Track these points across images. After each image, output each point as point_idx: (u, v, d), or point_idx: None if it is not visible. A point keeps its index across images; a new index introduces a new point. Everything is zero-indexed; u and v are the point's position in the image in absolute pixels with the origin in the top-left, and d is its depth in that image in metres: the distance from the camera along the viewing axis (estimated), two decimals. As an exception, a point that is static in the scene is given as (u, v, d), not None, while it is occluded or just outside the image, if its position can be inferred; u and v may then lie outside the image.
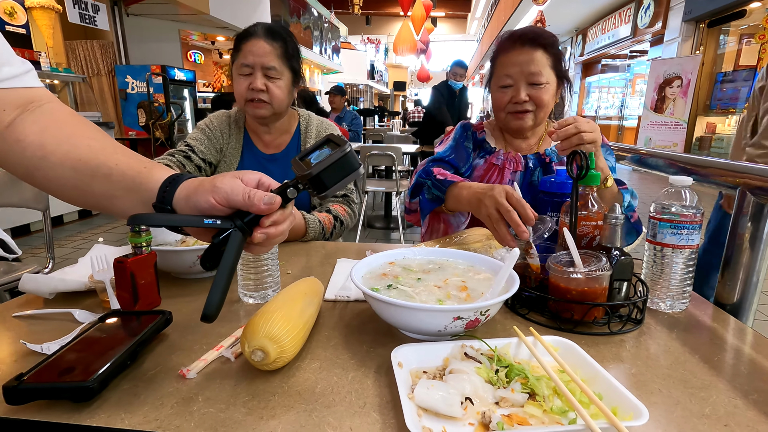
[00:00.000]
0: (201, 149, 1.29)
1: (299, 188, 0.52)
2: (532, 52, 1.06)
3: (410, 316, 0.58)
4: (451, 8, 26.32)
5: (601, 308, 0.66)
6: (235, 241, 0.49)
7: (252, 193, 0.49)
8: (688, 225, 0.70)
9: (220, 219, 0.49)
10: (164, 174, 0.53)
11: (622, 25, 9.78)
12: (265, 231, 0.51)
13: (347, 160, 0.51)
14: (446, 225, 1.15)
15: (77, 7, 4.81)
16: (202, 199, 0.49)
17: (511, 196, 0.80)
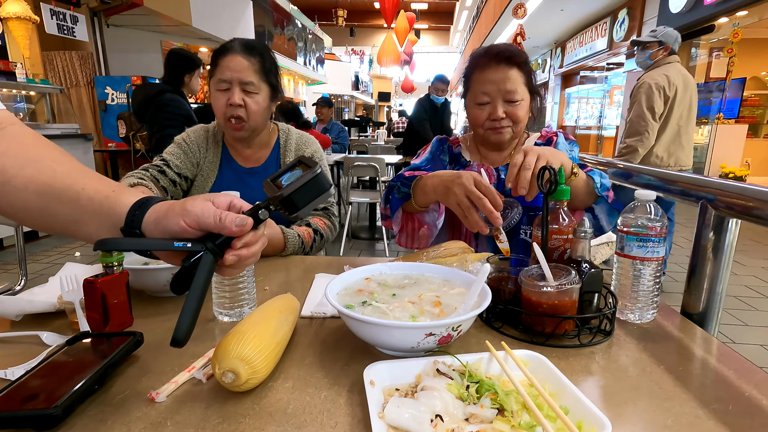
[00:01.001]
0: (176, 164, 1.28)
1: (271, 209, 0.53)
2: (507, 70, 1.09)
3: (383, 333, 0.58)
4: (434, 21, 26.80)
5: (572, 321, 0.67)
6: (206, 264, 0.49)
7: (223, 216, 0.50)
8: (653, 238, 0.72)
9: (190, 242, 0.49)
10: (133, 198, 0.52)
11: (598, 39, 10.08)
12: (237, 253, 0.51)
13: (318, 181, 0.52)
14: (420, 224, 1.16)
15: (55, 18, 4.73)
16: (172, 222, 0.49)
17: (479, 183, 0.84)
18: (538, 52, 14.53)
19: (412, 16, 16.37)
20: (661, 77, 2.64)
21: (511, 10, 8.95)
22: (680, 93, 2.65)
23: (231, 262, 0.51)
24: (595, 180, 0.97)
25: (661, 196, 0.91)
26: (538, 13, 9.69)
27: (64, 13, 4.83)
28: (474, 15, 18.15)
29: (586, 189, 0.99)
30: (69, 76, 6.14)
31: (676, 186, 0.86)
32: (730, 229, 0.73)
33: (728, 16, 6.55)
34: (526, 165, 0.84)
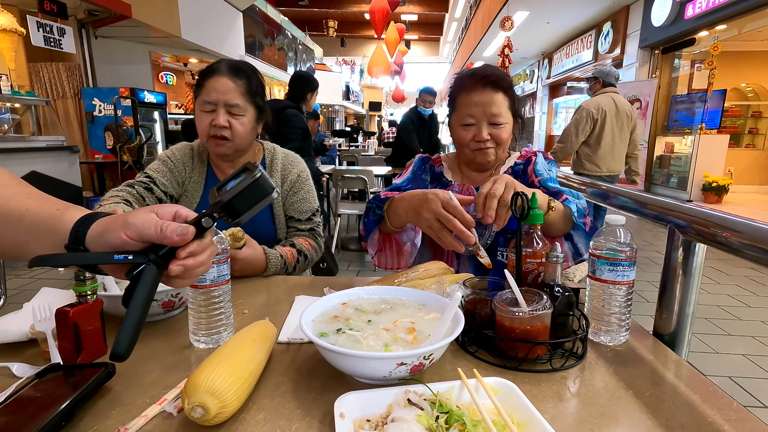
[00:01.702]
0: (163, 182, 1.28)
1: (214, 217, 0.53)
2: (493, 94, 1.12)
3: (355, 363, 0.59)
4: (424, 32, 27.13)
5: (544, 346, 0.69)
6: (148, 276, 0.49)
7: (164, 226, 0.50)
8: (623, 262, 0.74)
9: (132, 254, 0.49)
10: (78, 214, 0.53)
11: (584, 50, 10.30)
12: (182, 263, 0.51)
13: (258, 185, 0.53)
14: (398, 245, 1.17)
15: (41, 31, 4.71)
16: (113, 235, 0.49)
17: (447, 204, 0.86)
18: (525, 63, 14.77)
19: (402, 27, 16.56)
20: (593, 104, 3.54)
21: (499, 23, 9.10)
22: (609, 115, 3.52)
23: (176, 273, 0.51)
24: (572, 208, 0.99)
25: (598, 204, 0.93)
26: (525, 26, 9.88)
27: (51, 26, 4.81)
28: (463, 26, 18.43)
29: (563, 218, 1.00)
30: (56, 87, 6.10)
31: (649, 209, 0.88)
32: (698, 253, 0.75)
33: (708, 29, 6.74)
34: (492, 193, 0.86)
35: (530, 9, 8.88)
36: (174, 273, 0.51)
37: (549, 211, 0.96)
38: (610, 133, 3.56)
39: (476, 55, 14.20)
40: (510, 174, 1.22)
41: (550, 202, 0.97)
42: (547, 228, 1.02)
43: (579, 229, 1.00)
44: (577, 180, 1.29)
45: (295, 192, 1.38)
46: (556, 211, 0.98)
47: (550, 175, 1.16)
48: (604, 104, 3.52)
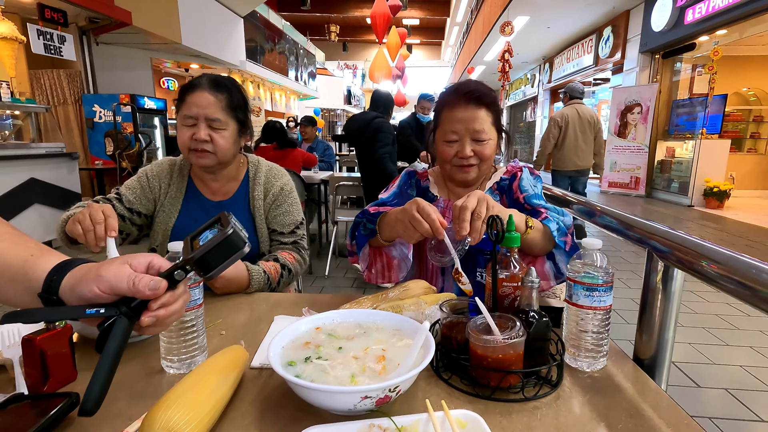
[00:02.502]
0: (130, 198, 1.29)
1: (187, 270, 0.53)
2: (476, 110, 1.11)
3: (319, 396, 0.58)
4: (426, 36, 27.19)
5: (517, 375, 0.67)
6: (119, 328, 0.49)
7: (137, 280, 0.50)
8: (600, 287, 0.72)
9: (104, 307, 0.50)
10: (53, 261, 0.52)
11: (585, 55, 10.29)
12: (153, 314, 0.52)
13: (230, 241, 0.53)
14: (389, 259, 1.15)
15: (42, 38, 4.74)
16: (86, 288, 0.49)
17: (422, 209, 0.88)
18: (526, 68, 14.78)
19: (404, 31, 16.61)
20: (558, 114, 4.73)
21: (499, 28, 9.11)
22: (572, 122, 4.64)
23: (148, 323, 0.51)
24: (551, 227, 0.98)
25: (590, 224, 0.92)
26: (526, 31, 9.89)
27: (51, 33, 4.85)
28: (464, 31, 18.47)
29: (543, 237, 0.99)
30: (56, 94, 6.13)
31: (633, 231, 0.87)
32: (677, 278, 0.74)
33: (708, 34, 6.73)
34: (464, 206, 0.85)
35: (530, 14, 8.88)
36: (145, 324, 0.51)
37: (527, 230, 0.95)
38: (573, 136, 4.66)
39: (477, 59, 14.22)
40: (495, 190, 1.21)
41: (527, 221, 0.96)
42: (528, 247, 1.00)
43: (560, 248, 0.98)
44: (563, 194, 1.28)
45: (278, 205, 1.37)
46: (535, 230, 0.97)
47: (535, 191, 1.15)
48: (568, 113, 4.66)
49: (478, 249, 0.90)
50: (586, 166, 4.74)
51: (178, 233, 1.31)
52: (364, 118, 3.49)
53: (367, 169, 3.56)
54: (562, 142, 4.67)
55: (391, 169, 3.38)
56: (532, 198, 1.12)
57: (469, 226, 0.84)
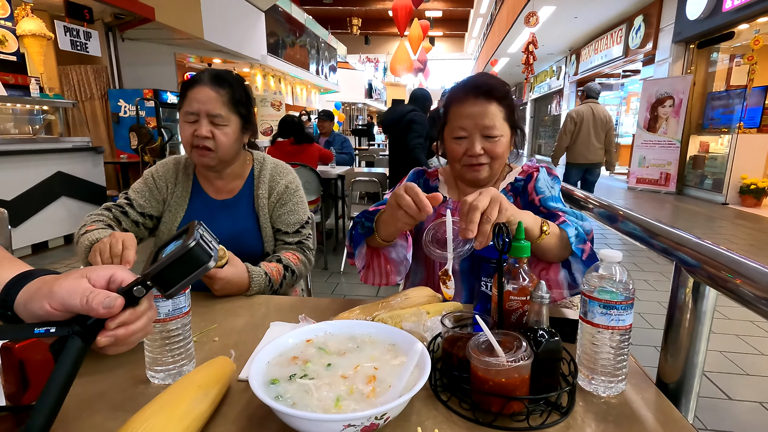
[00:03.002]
0: (140, 203, 1.27)
1: (147, 285, 0.48)
2: (486, 105, 1.04)
3: (297, 423, 0.53)
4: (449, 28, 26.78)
5: (521, 401, 0.61)
6: (71, 350, 0.45)
7: (91, 296, 0.45)
8: (618, 305, 0.65)
9: (55, 326, 0.45)
10: (10, 274, 0.48)
11: (614, 46, 9.90)
12: (112, 334, 0.47)
13: (191, 255, 0.48)
14: (387, 260, 1.09)
15: (68, 35, 4.86)
16: (37, 305, 0.46)
17: (410, 189, 0.83)
18: (552, 59, 14.36)
19: (427, 24, 16.37)
20: (574, 111, 5.10)
21: (523, 19, 8.84)
22: (586, 119, 4.98)
23: (103, 344, 0.47)
24: (568, 233, 0.90)
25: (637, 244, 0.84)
26: (552, 21, 9.58)
27: (77, 30, 4.96)
28: (488, 22, 18.07)
29: (560, 243, 0.91)
30: (84, 89, 6.30)
31: (657, 241, 0.78)
32: (708, 296, 0.66)
33: (748, 22, 6.34)
34: (475, 205, 0.77)
35: (557, 4, 8.58)
36: (102, 345, 0.47)
37: (542, 235, 0.87)
38: (586, 132, 5.02)
39: (501, 51, 13.89)
40: (510, 191, 1.13)
41: (542, 225, 0.88)
42: (542, 254, 0.93)
43: (576, 256, 0.91)
44: (584, 196, 1.19)
45: (282, 204, 1.33)
46: (551, 235, 0.89)
47: (552, 194, 1.07)
48: (583, 111, 5.04)
49: (486, 257, 0.83)
50: (597, 160, 5.15)
51: None
52: (402, 109, 3.59)
53: (398, 158, 3.61)
54: (576, 137, 5.05)
55: (422, 159, 3.45)
56: (548, 200, 1.04)
57: (477, 229, 0.77)
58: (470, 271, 1.09)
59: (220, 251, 1.06)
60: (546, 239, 0.88)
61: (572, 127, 5.03)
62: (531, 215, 0.87)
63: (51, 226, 4.34)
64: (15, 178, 4.05)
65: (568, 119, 5.06)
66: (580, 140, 5.02)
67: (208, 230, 0.51)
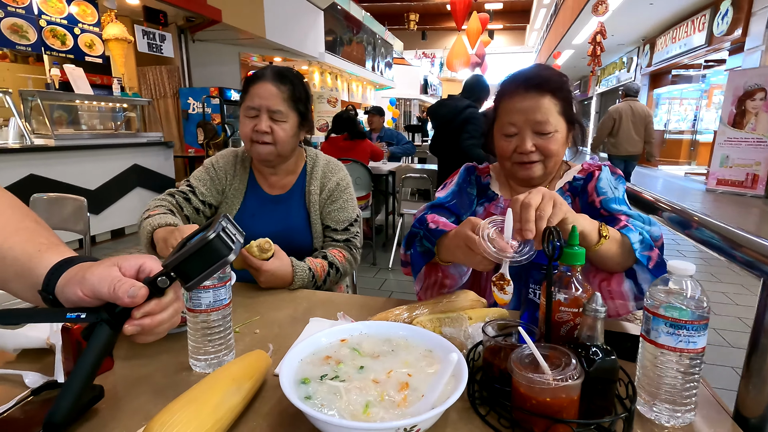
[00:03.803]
0: (202, 191, 1.31)
1: (171, 277, 0.49)
2: (538, 98, 0.96)
3: (323, 426, 0.51)
4: (509, 20, 25.84)
5: (567, 426, 0.55)
6: (99, 337, 0.46)
7: (118, 285, 0.47)
8: (689, 325, 0.57)
9: (85, 312, 0.47)
10: (56, 258, 0.51)
11: (695, 33, 9.02)
12: (138, 323, 0.48)
13: (211, 248, 0.48)
14: (444, 276, 1.03)
15: (146, 38, 5.26)
16: (70, 291, 0.48)
17: (475, 226, 0.76)
18: (622, 50, 13.38)
19: (486, 17, 15.89)
20: (614, 109, 5.71)
21: (591, 7, 8.30)
22: (626, 116, 5.58)
23: (130, 333, 0.48)
24: (631, 239, 0.81)
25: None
26: (623, 8, 8.91)
27: (153, 33, 5.35)
28: (552, 13, 17.19)
29: (621, 250, 0.82)
30: (158, 88, 6.79)
31: (740, 252, 0.68)
32: (803, 320, 0.56)
33: None
34: (527, 202, 0.72)
35: (630, -10, 7.96)
36: (128, 333, 0.49)
37: (600, 240, 0.79)
38: (627, 127, 5.60)
39: (565, 43, 13.18)
40: (567, 191, 1.05)
41: (601, 229, 0.80)
42: (601, 261, 0.85)
43: (641, 264, 0.81)
44: (653, 199, 1.07)
45: (333, 201, 1.33)
46: (611, 241, 0.80)
47: (615, 195, 0.97)
48: (622, 108, 5.63)
49: (536, 262, 0.77)
50: (636, 152, 5.78)
51: None
52: (456, 105, 3.24)
53: (449, 154, 3.35)
54: (617, 131, 5.66)
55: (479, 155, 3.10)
56: (611, 202, 0.95)
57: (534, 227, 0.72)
58: (518, 276, 1.02)
59: (265, 244, 1.08)
60: (605, 245, 0.80)
61: (611, 123, 5.66)
62: (587, 219, 0.80)
63: (127, 214, 4.74)
64: (98, 170, 4.46)
65: (608, 116, 5.68)
66: (621, 134, 5.63)
67: (233, 223, 0.51)
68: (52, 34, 4.52)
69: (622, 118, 5.58)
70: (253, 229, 1.25)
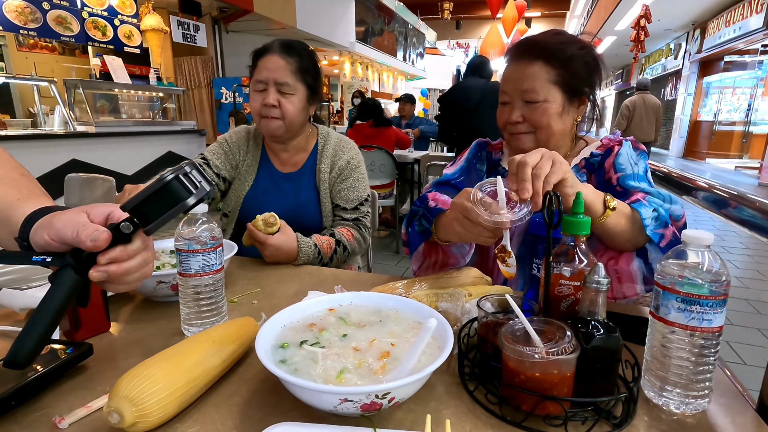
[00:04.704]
0: (216, 164, 1.32)
1: (135, 223, 0.48)
2: (527, 65, 0.90)
3: (295, 390, 0.49)
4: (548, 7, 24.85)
5: (557, 403, 0.51)
6: (64, 280, 0.46)
7: (81, 229, 0.47)
8: (704, 300, 0.51)
9: (51, 256, 0.47)
10: (33, 207, 0.52)
11: (752, 16, 8.35)
12: (103, 269, 0.48)
13: (169, 190, 0.47)
14: (446, 256, 0.99)
15: (181, 28, 5.40)
16: (38, 235, 0.48)
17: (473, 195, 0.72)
18: (669, 36, 12.61)
19: (523, 4, 15.34)
20: (628, 101, 6.56)
21: (635, -11, 7.84)
22: (638, 108, 6.43)
23: (96, 279, 0.48)
24: (642, 214, 0.74)
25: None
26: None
27: (188, 23, 5.49)
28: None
29: (630, 225, 0.75)
30: (193, 78, 6.99)
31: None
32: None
33: None
34: (524, 161, 0.67)
35: (679, -31, 7.46)
36: (94, 279, 0.49)
37: (605, 212, 0.73)
38: (639, 118, 6.42)
39: (607, 29, 12.54)
40: (583, 167, 0.98)
41: (607, 200, 0.73)
42: (609, 237, 0.78)
43: (654, 243, 0.74)
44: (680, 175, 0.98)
45: (343, 179, 1.31)
46: (618, 215, 0.74)
47: (635, 171, 0.89)
48: (636, 100, 6.44)
49: (542, 235, 0.72)
50: (648, 139, 6.51)
51: (249, 202, 1.33)
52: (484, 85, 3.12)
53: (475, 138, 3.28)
54: (630, 122, 6.47)
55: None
56: (628, 179, 0.87)
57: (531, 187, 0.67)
58: (527, 256, 0.96)
59: (270, 218, 1.07)
60: (611, 218, 0.73)
61: (627, 113, 6.50)
62: (591, 188, 0.73)
63: (161, 200, 4.92)
64: (136, 156, 4.65)
65: (624, 108, 6.52)
66: (634, 123, 6.44)
67: (201, 171, 0.50)
68: (93, 26, 4.72)
69: (636, 109, 6.44)
70: (263, 206, 1.25)
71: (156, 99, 6.20)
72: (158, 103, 6.22)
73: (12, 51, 7.06)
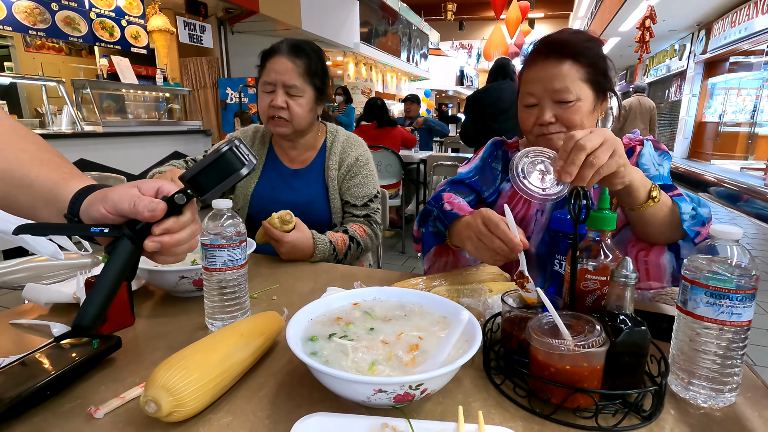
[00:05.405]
0: None
1: (188, 194, 0.51)
2: (557, 64, 0.89)
3: (328, 380, 0.50)
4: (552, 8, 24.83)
5: (588, 395, 0.51)
6: (121, 250, 0.49)
7: (138, 200, 0.49)
8: (733, 294, 0.51)
9: (108, 227, 0.49)
10: (79, 185, 0.54)
11: (758, 16, 8.32)
12: (157, 239, 0.50)
13: (225, 160, 0.50)
14: (456, 258, 0.99)
15: (187, 29, 5.43)
16: (94, 209, 0.50)
17: (488, 221, 0.71)
18: (674, 37, 12.59)
19: (526, 5, 15.34)
20: (626, 102, 6.86)
21: (640, -10, 7.83)
22: (634, 109, 6.79)
23: (151, 249, 0.50)
24: (682, 209, 0.74)
25: None
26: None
27: (194, 24, 5.51)
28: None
29: (669, 218, 0.76)
30: (198, 78, 7.02)
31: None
32: None
33: None
34: (581, 144, 0.64)
35: (684, -30, 7.45)
36: (149, 249, 0.51)
37: (648, 201, 0.73)
38: (633, 118, 6.75)
39: (611, 30, 12.53)
40: None
41: (651, 189, 0.74)
42: (644, 228, 0.78)
43: (689, 239, 0.75)
44: (698, 172, 0.99)
45: (352, 176, 1.32)
46: (660, 206, 0.74)
47: (659, 172, 0.90)
48: (632, 101, 6.83)
49: (563, 231, 0.72)
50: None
51: (257, 199, 1.34)
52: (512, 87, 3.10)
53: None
54: (624, 122, 6.82)
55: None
56: (654, 180, 0.88)
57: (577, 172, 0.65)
58: (547, 255, 0.97)
59: (286, 216, 1.08)
60: (653, 208, 0.74)
61: (623, 113, 6.83)
62: (640, 173, 0.73)
63: (167, 199, 4.94)
64: (142, 156, 4.67)
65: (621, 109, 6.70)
66: (628, 123, 6.75)
67: (246, 146, 0.52)
68: (101, 26, 4.75)
69: (631, 110, 6.84)
70: (272, 203, 1.26)
71: (162, 99, 6.23)
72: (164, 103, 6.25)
73: (19, 51, 7.11)
